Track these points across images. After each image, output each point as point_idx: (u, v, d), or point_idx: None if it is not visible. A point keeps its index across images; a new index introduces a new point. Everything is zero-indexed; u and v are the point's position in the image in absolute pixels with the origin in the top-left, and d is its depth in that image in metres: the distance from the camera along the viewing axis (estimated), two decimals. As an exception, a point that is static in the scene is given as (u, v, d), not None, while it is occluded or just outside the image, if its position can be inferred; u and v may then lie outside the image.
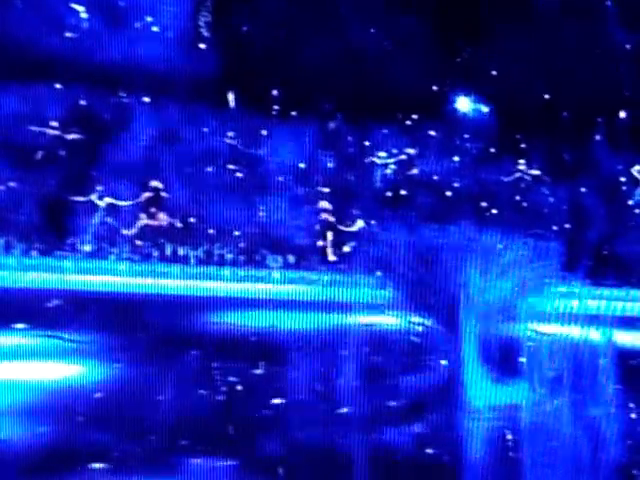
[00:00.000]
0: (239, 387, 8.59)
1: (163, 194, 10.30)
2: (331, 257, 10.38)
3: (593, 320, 8.89)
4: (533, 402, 8.45)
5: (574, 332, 8.76)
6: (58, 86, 10.03)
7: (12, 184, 10.02)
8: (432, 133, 10.79)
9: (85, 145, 10.04)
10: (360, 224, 10.49)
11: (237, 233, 10.29)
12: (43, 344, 8.71)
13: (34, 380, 8.35)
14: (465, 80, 10.59)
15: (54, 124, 10.04)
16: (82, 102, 10.08)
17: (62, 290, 9.08)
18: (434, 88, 10.46)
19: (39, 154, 9.97)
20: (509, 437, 8.28)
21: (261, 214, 10.28)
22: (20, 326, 8.74)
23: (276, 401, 8.46)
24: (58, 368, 8.56)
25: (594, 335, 8.78)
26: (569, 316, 8.83)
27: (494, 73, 10.54)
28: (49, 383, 8.36)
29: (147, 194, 10.23)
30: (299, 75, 10.12)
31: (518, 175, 10.85)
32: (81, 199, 10.05)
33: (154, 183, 10.24)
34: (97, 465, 7.90)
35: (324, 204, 10.21)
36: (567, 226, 10.47)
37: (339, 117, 10.56)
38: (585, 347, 8.65)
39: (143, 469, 7.87)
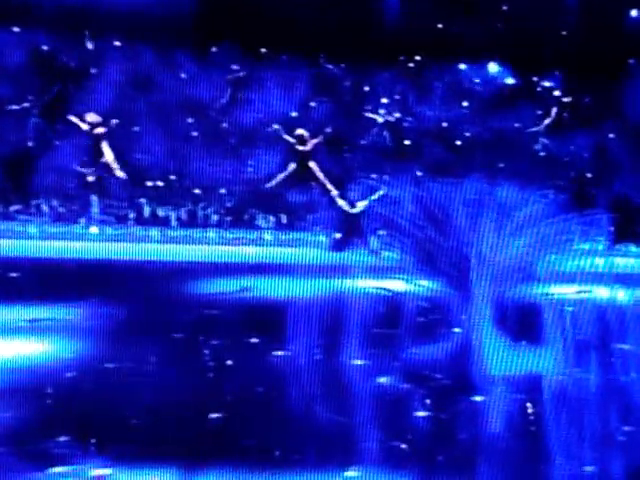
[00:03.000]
0: (229, 362, 7.98)
1: (139, 148, 9.78)
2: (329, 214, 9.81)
3: (619, 279, 8.50)
4: (554, 370, 7.91)
5: (598, 292, 8.28)
6: (16, 29, 9.32)
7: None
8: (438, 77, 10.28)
9: (49, 95, 9.41)
10: (361, 182, 9.95)
11: (223, 191, 9.76)
12: (7, 319, 8.06)
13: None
14: (474, 18, 10.06)
15: (14, 73, 9.40)
16: (44, 47, 9.45)
17: (25, 258, 8.51)
18: (439, 26, 9.91)
19: None
20: (528, 408, 7.78)
21: (249, 169, 9.81)
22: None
23: (271, 375, 7.88)
24: (25, 344, 7.94)
25: (620, 295, 8.32)
26: (592, 275, 8.37)
27: (505, 8, 10.02)
28: (15, 361, 7.74)
29: (121, 148, 9.66)
30: (288, 13, 9.53)
31: (533, 122, 10.40)
32: (46, 154, 9.47)
33: (128, 135, 9.70)
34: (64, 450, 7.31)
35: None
36: (589, 176, 9.98)
37: (332, 61, 10.02)
38: (610, 308, 8.12)
39: (125, 447, 7.33)
